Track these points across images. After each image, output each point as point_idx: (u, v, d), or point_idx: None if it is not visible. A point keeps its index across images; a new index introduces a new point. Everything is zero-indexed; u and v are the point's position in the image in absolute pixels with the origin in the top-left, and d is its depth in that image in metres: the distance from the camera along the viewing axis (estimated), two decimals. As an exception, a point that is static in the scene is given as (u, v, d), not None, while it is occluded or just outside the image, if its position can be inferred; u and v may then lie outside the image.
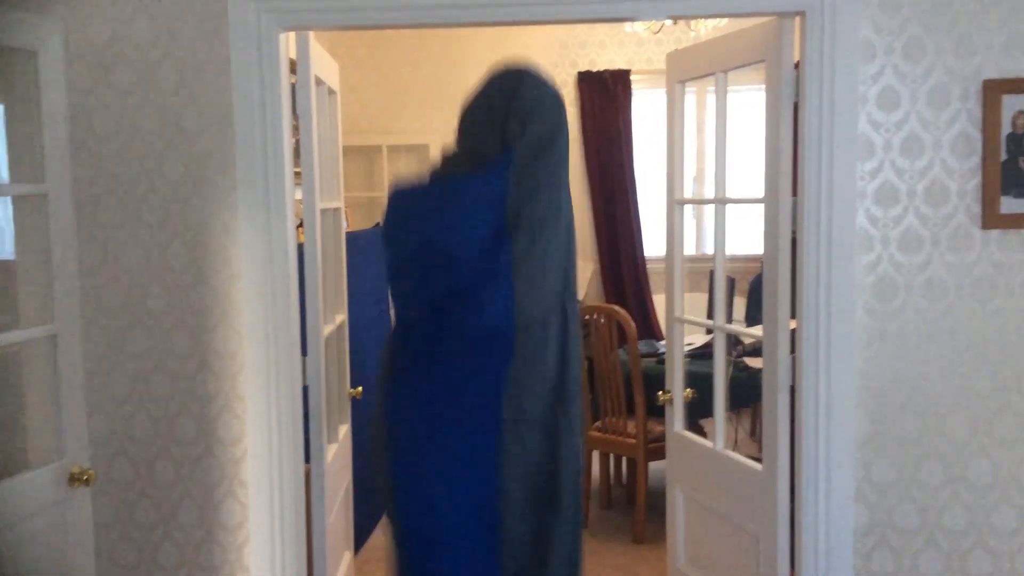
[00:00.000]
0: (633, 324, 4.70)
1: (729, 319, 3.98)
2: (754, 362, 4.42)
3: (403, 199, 2.56)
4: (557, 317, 2.48)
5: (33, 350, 2.71)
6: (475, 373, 2.44)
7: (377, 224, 6.98)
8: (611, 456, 5.23)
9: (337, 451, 3.49)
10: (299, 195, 3.11)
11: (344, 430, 3.68)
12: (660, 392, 3.69)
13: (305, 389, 3.05)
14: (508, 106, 2.46)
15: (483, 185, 2.43)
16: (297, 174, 3.09)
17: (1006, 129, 2.74)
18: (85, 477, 2.69)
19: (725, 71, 3.23)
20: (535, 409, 2.45)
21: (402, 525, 2.49)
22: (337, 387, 3.59)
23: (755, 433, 5.79)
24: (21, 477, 2.52)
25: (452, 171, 2.54)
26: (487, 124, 2.50)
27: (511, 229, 2.40)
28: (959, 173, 2.76)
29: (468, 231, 2.41)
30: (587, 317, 4.88)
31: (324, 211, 3.37)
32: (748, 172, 4.36)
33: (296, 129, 3.07)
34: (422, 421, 2.46)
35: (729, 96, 3.33)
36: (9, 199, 2.75)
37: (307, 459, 3.09)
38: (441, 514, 2.44)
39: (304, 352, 3.04)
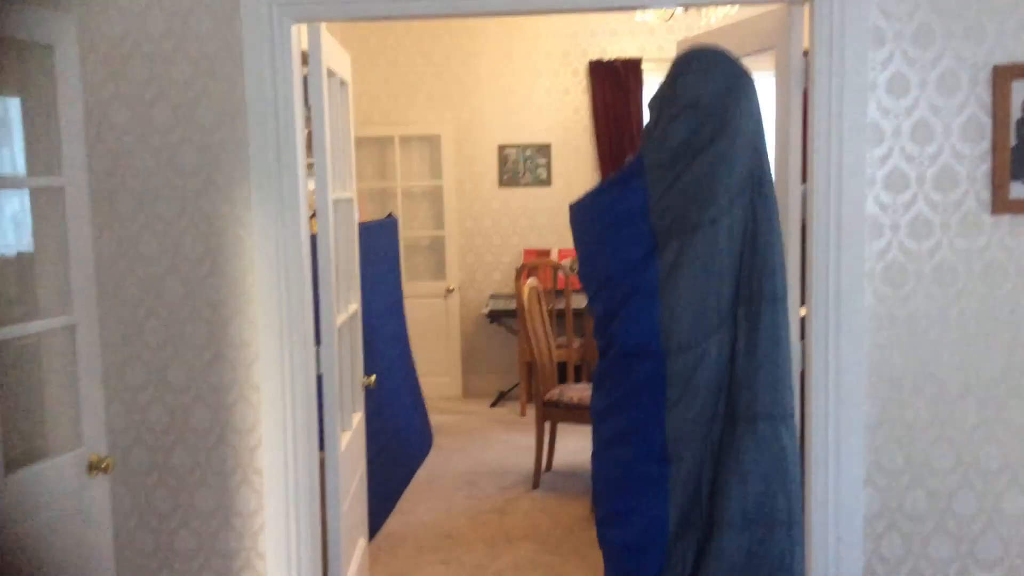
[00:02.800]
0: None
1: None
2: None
3: (573, 215, 2.42)
4: (722, 340, 2.30)
5: (52, 340, 2.75)
6: (624, 400, 2.33)
7: (389, 214, 7.01)
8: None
9: (351, 439, 3.53)
10: (312, 186, 3.14)
11: (358, 418, 3.71)
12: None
13: (319, 378, 3.09)
14: (668, 99, 2.23)
15: (619, 197, 2.24)
16: (310, 165, 3.11)
17: (1016, 115, 2.73)
18: (104, 465, 2.73)
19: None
20: (696, 447, 2.32)
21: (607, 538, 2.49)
22: (351, 376, 3.63)
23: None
24: (41, 465, 2.57)
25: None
26: (652, 119, 2.29)
27: (661, 241, 2.21)
28: (969, 159, 2.77)
29: (617, 247, 2.24)
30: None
31: (337, 201, 3.40)
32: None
33: (308, 120, 3.10)
34: (603, 434, 2.42)
35: (739, 84, 3.33)
36: (27, 191, 2.79)
37: (321, 447, 3.13)
38: (611, 526, 2.44)
39: (318, 341, 3.08)
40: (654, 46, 7.37)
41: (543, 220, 7.66)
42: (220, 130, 2.90)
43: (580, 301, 7.02)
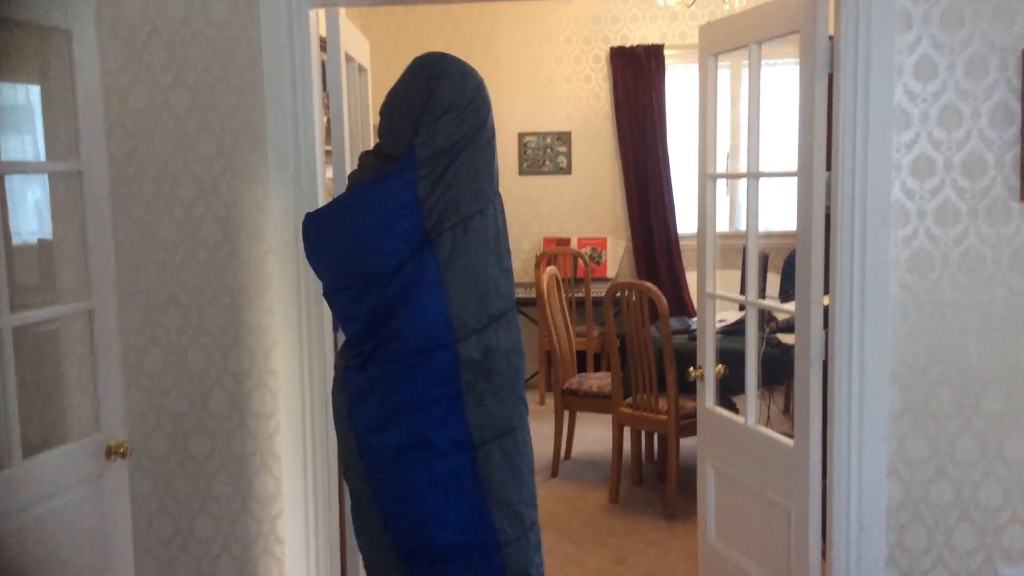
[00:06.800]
0: (665, 300, 4.68)
1: (762, 295, 3.94)
2: (787, 338, 4.38)
3: (316, 223, 2.41)
4: (511, 319, 2.41)
5: (71, 325, 2.75)
6: (416, 400, 2.32)
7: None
8: (642, 432, 5.23)
9: (369, 426, 3.52)
10: (330, 173, 3.12)
11: (376, 405, 3.70)
12: (691, 368, 3.67)
13: (337, 364, 3.08)
14: (427, 102, 2.34)
15: (393, 192, 2.28)
16: (328, 152, 3.10)
17: (1046, 99, 2.68)
18: (122, 450, 2.73)
19: (759, 42, 3.18)
20: (499, 423, 2.38)
21: (403, 545, 2.42)
22: (369, 363, 3.62)
23: (788, 410, 5.75)
24: (60, 449, 2.57)
25: (363, 176, 2.42)
26: (405, 121, 2.37)
27: (433, 234, 2.28)
28: (997, 144, 2.71)
29: (389, 242, 2.27)
30: (618, 294, 4.87)
31: (355, 188, 3.38)
32: (782, 147, 4.30)
33: (327, 106, 3.08)
34: (389, 444, 2.36)
35: (763, 70, 3.28)
36: (46, 177, 2.79)
37: (340, 433, 3.12)
38: (431, 534, 2.36)
39: (335, 328, 3.06)
40: (676, 32, 7.29)
41: (563, 208, 7.62)
42: (238, 115, 2.89)
43: (600, 290, 6.99)
